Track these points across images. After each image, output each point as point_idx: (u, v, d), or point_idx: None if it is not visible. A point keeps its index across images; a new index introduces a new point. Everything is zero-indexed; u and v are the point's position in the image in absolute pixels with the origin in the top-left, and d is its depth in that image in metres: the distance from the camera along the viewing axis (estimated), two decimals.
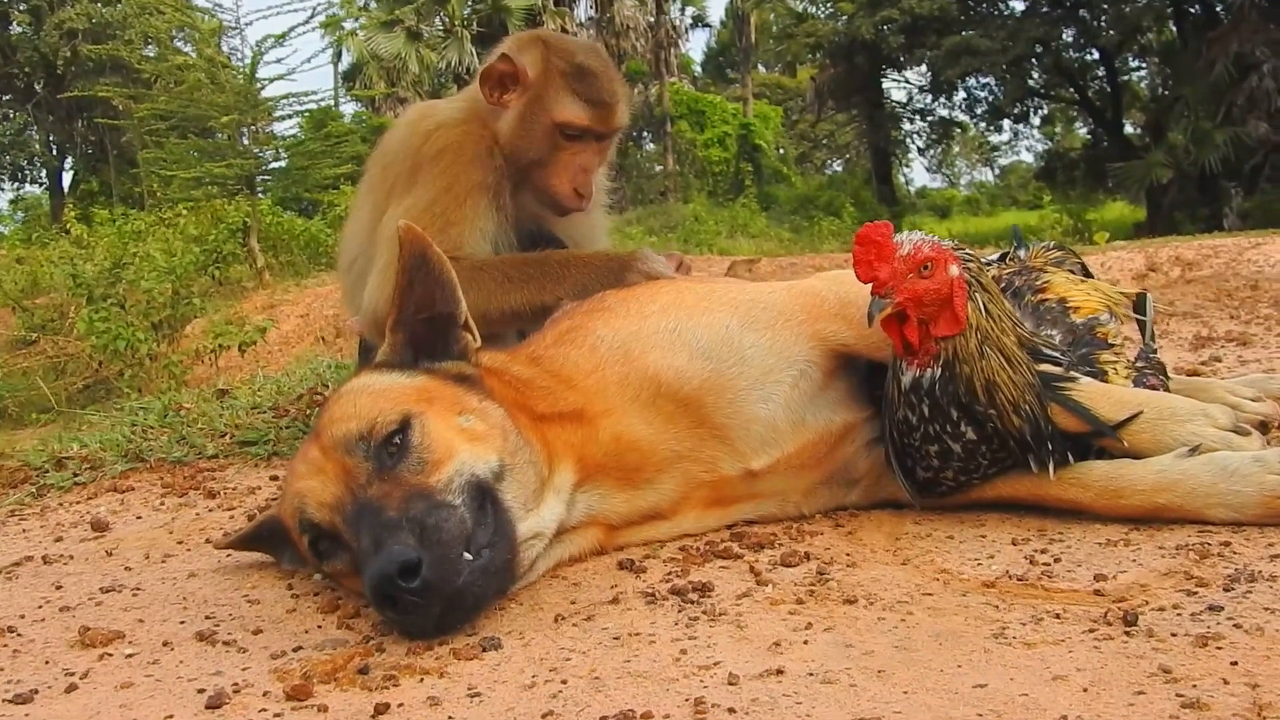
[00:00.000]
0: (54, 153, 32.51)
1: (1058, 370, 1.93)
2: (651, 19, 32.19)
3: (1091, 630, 1.44)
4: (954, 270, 1.82)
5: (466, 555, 1.58)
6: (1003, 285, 2.26)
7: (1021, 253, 2.49)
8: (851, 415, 2.06)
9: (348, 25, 30.43)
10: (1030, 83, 30.97)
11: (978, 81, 31.73)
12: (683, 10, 35.08)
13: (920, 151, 42.17)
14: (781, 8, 36.69)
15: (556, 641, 1.54)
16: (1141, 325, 2.37)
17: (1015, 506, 1.98)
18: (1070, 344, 2.12)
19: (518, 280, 2.42)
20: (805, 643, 1.47)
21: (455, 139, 2.58)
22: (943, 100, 34.60)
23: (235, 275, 16.13)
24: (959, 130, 39.09)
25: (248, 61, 15.96)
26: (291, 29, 15.76)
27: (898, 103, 36.55)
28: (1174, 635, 1.40)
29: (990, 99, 32.55)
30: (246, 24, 16.10)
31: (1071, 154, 32.67)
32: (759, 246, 22.95)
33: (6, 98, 31.81)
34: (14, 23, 29.10)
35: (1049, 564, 1.72)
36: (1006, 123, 34.88)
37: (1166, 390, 2.15)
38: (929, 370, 1.85)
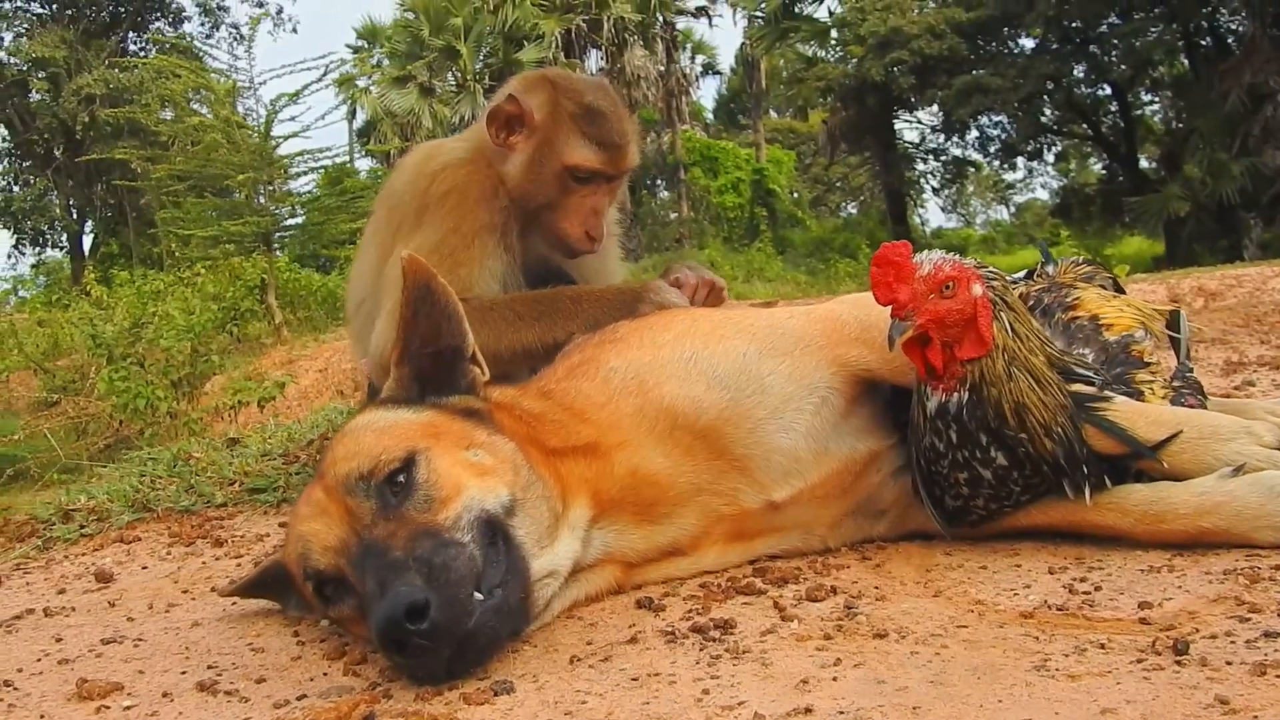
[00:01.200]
0: (74, 216, 32.75)
1: (1091, 390, 1.85)
2: (662, 68, 32.29)
3: (1140, 660, 1.35)
4: (977, 289, 1.75)
5: (477, 595, 1.51)
6: (1031, 303, 2.18)
7: (1050, 269, 2.41)
8: (876, 443, 1.98)
9: (361, 83, 30.68)
10: (1043, 119, 30.97)
11: (990, 120, 31.73)
12: (693, 58, 35.26)
13: (935, 191, 42.13)
14: (791, 53, 36.79)
15: (572, 684, 1.46)
16: (1176, 343, 2.29)
17: (1050, 534, 1.90)
18: (1104, 363, 2.04)
19: (529, 318, 2.35)
20: (834, 680, 1.39)
21: (461, 179, 2.52)
22: (955, 139, 34.62)
23: (253, 332, 16.18)
24: (973, 169, 39.08)
25: (262, 120, 16.05)
26: (305, 87, 15.84)
27: (910, 143, 36.57)
28: (1229, 664, 1.31)
29: (1003, 137, 32.54)
30: (260, 83, 16.17)
31: (1087, 189, 32.59)
32: (775, 290, 22.94)
33: (27, 164, 32.11)
34: (33, 90, 29.41)
35: (1089, 592, 1.63)
36: (1020, 160, 34.85)
37: (1205, 409, 2.07)
38: (955, 394, 1.77)
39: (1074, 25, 27.84)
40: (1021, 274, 2.41)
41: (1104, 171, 33.32)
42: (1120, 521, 1.81)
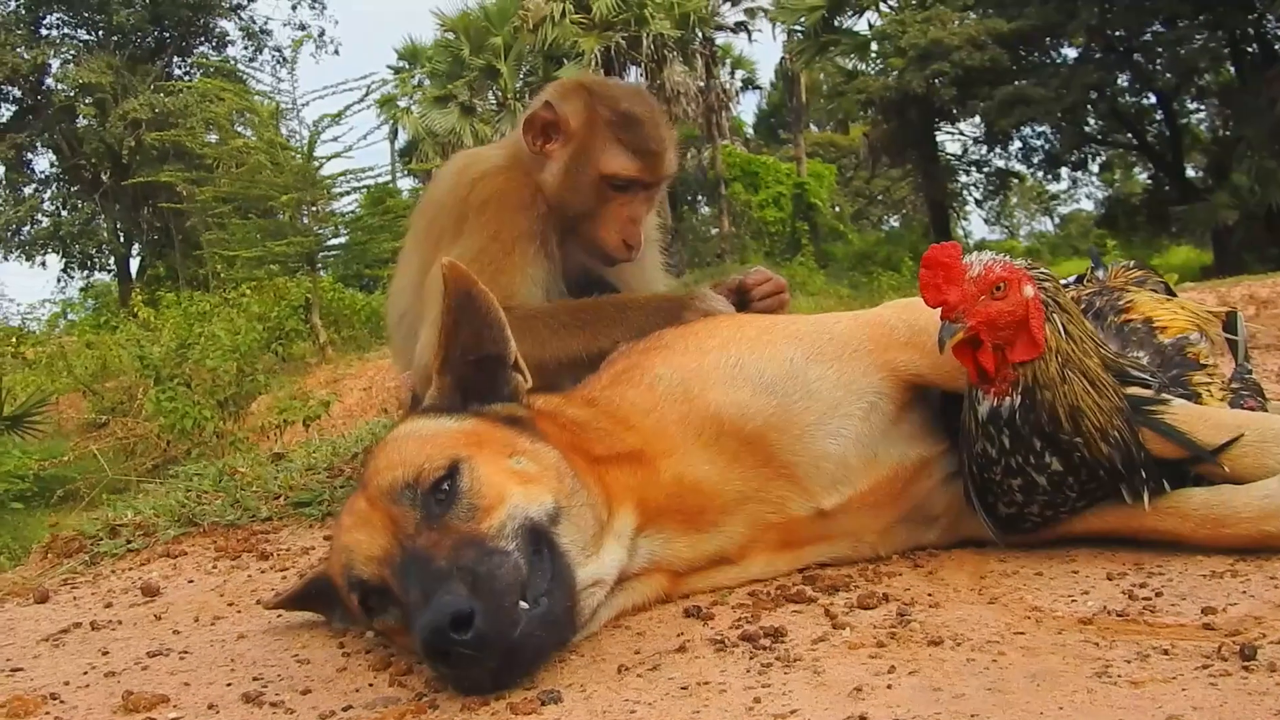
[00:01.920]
0: (121, 240, 33.11)
1: (1147, 393, 1.80)
2: (702, 83, 32.34)
3: (1205, 666, 1.31)
4: (1029, 290, 1.71)
5: (523, 604, 1.48)
6: (1083, 306, 2.14)
7: (1100, 273, 2.36)
8: (927, 449, 1.94)
9: (402, 103, 30.92)
10: (1087, 129, 30.67)
11: (1033, 130, 31.43)
12: (732, 74, 35.23)
13: (978, 203, 41.81)
14: (831, 66, 36.68)
15: (620, 693, 1.43)
16: (1233, 345, 2.24)
17: (1106, 541, 1.85)
18: (1159, 365, 1.99)
19: (573, 326, 2.33)
20: (889, 687, 1.35)
21: (500, 187, 2.50)
22: (998, 151, 34.31)
23: (298, 351, 16.29)
24: (1016, 180, 38.77)
25: (305, 142, 16.19)
26: (346, 108, 15.98)
27: (952, 155, 36.30)
28: None
29: (1046, 148, 32.23)
30: (303, 105, 16.31)
31: (1133, 199, 32.27)
32: (819, 304, 22.81)
33: (75, 189, 32.52)
34: (80, 115, 29.79)
35: (1150, 598, 1.59)
36: (1064, 171, 34.49)
37: (1265, 411, 2.02)
38: (1008, 399, 1.73)
39: (1117, 34, 27.59)
40: (1071, 279, 2.36)
41: (1149, 181, 32.96)
42: (1180, 526, 1.76)
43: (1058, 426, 1.72)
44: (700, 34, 32.14)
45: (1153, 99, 29.11)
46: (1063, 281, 2.27)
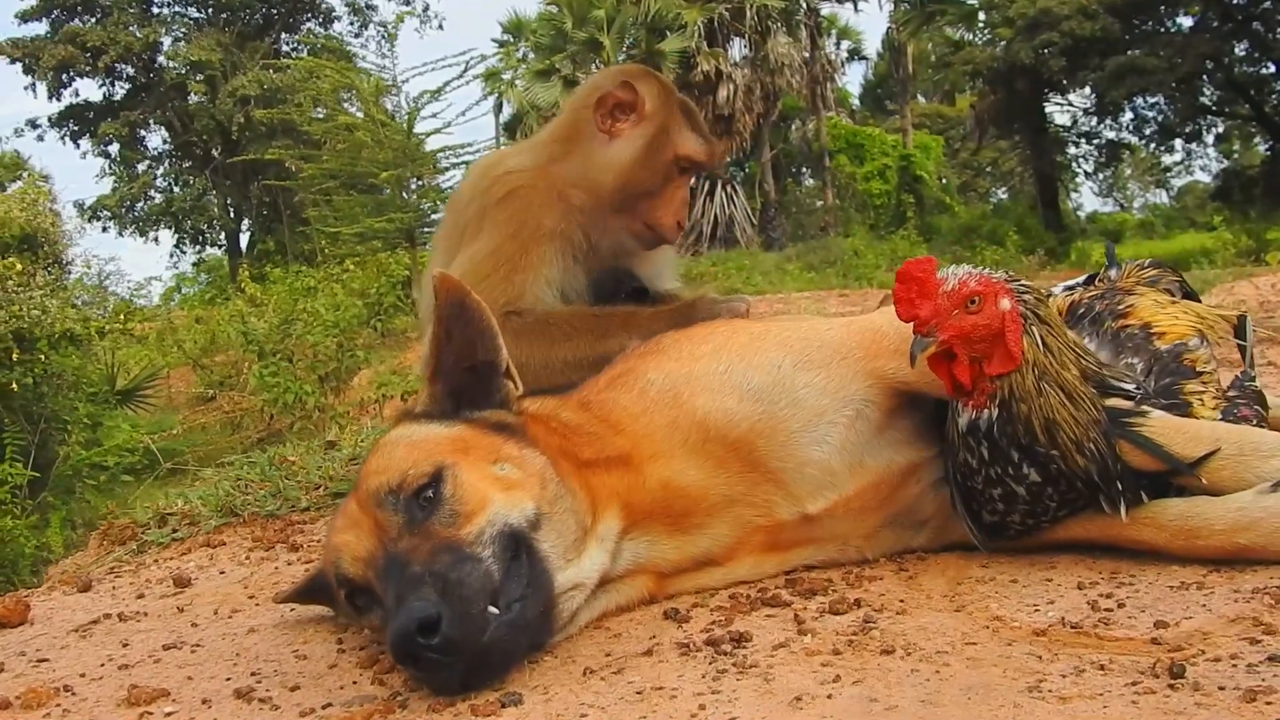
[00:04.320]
0: (231, 215, 34.01)
1: (1127, 404, 1.82)
2: (806, 54, 32.04)
3: (1134, 683, 1.35)
4: (1005, 304, 1.74)
5: (493, 610, 1.55)
6: (1082, 310, 2.16)
7: (1113, 272, 2.36)
8: (915, 454, 1.97)
9: (506, 76, 31.14)
10: (1202, 100, 29.86)
11: (1145, 101, 30.72)
12: (838, 44, 34.90)
13: (1088, 175, 40.93)
14: (938, 36, 36.15)
15: (579, 696, 1.50)
16: (1242, 350, 2.24)
17: (1091, 548, 1.88)
18: (1154, 373, 2.00)
19: (582, 330, 2.40)
20: (829, 697, 1.41)
21: (523, 183, 2.58)
22: (1109, 122, 33.60)
23: (399, 326, 16.55)
24: (1128, 152, 37.88)
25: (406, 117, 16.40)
26: (446, 84, 16.12)
27: (1061, 127, 35.58)
28: (1221, 689, 1.30)
29: (1159, 119, 31.47)
30: (404, 81, 16.49)
31: (1249, 172, 31.32)
32: None
33: (187, 165, 33.45)
34: (191, 93, 30.59)
35: (1111, 609, 1.62)
36: (1178, 142, 33.64)
37: (1264, 421, 2.01)
38: (986, 411, 1.77)
39: (1235, 2, 26.79)
40: (1081, 279, 2.36)
41: (1268, 153, 31.95)
42: (1156, 537, 1.78)
43: (1034, 439, 1.75)
44: (805, 4, 31.82)
45: (1272, 68, 28.18)
46: (1071, 283, 2.30)
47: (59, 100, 33.01)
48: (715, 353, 1.99)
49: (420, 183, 17.13)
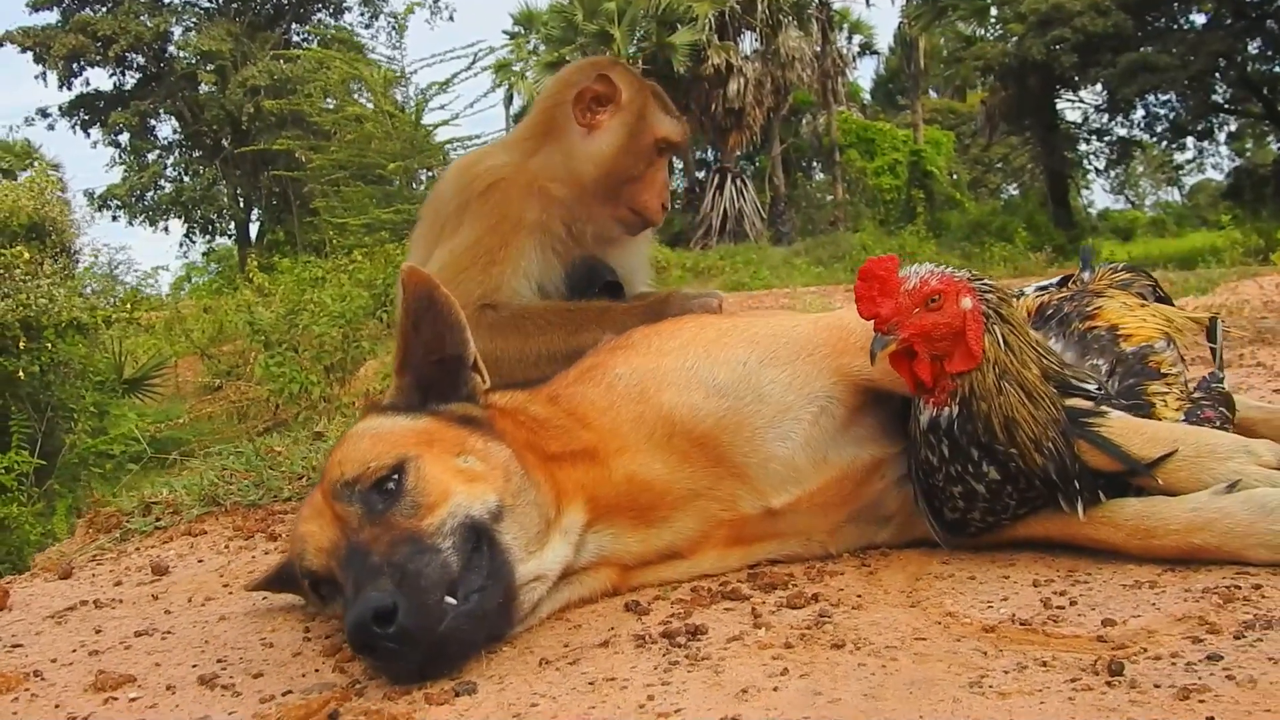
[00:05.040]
0: (241, 205, 34.12)
1: (1087, 405, 1.84)
2: (818, 48, 32.05)
3: (1073, 681, 1.36)
4: (967, 303, 1.76)
5: (451, 600, 1.57)
6: (1050, 312, 2.17)
7: (1086, 275, 2.38)
8: (880, 450, 1.99)
9: (517, 68, 31.19)
10: (1214, 98, 29.76)
11: (1157, 98, 30.61)
12: (849, 39, 34.90)
13: (1098, 172, 40.80)
14: (950, 31, 36.12)
15: (533, 686, 1.53)
16: (1213, 353, 2.25)
17: (1051, 546, 1.90)
18: (1119, 374, 2.02)
19: (556, 324, 2.43)
20: (775, 690, 1.43)
21: (503, 177, 2.61)
22: (1120, 119, 33.48)
23: None
24: (1139, 150, 37.77)
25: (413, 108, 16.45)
26: (454, 76, 16.17)
27: (1073, 123, 35.47)
28: (1157, 687, 1.32)
29: (1171, 116, 31.35)
30: (412, 72, 16.55)
31: (1261, 170, 31.21)
32: None
33: (197, 154, 33.57)
34: (202, 82, 30.68)
35: (1063, 607, 1.64)
36: (1190, 140, 33.52)
37: (1228, 423, 2.03)
38: (946, 409, 1.79)
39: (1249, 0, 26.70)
40: (1054, 281, 2.38)
41: None
42: (1113, 536, 1.80)
43: (993, 437, 1.77)
44: None
45: None
46: (1043, 284, 2.32)
47: (69, 89, 33.29)
48: (682, 348, 2.01)
49: (429, 174, 17.21)
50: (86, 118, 33.46)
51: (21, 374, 10.29)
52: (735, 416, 1.92)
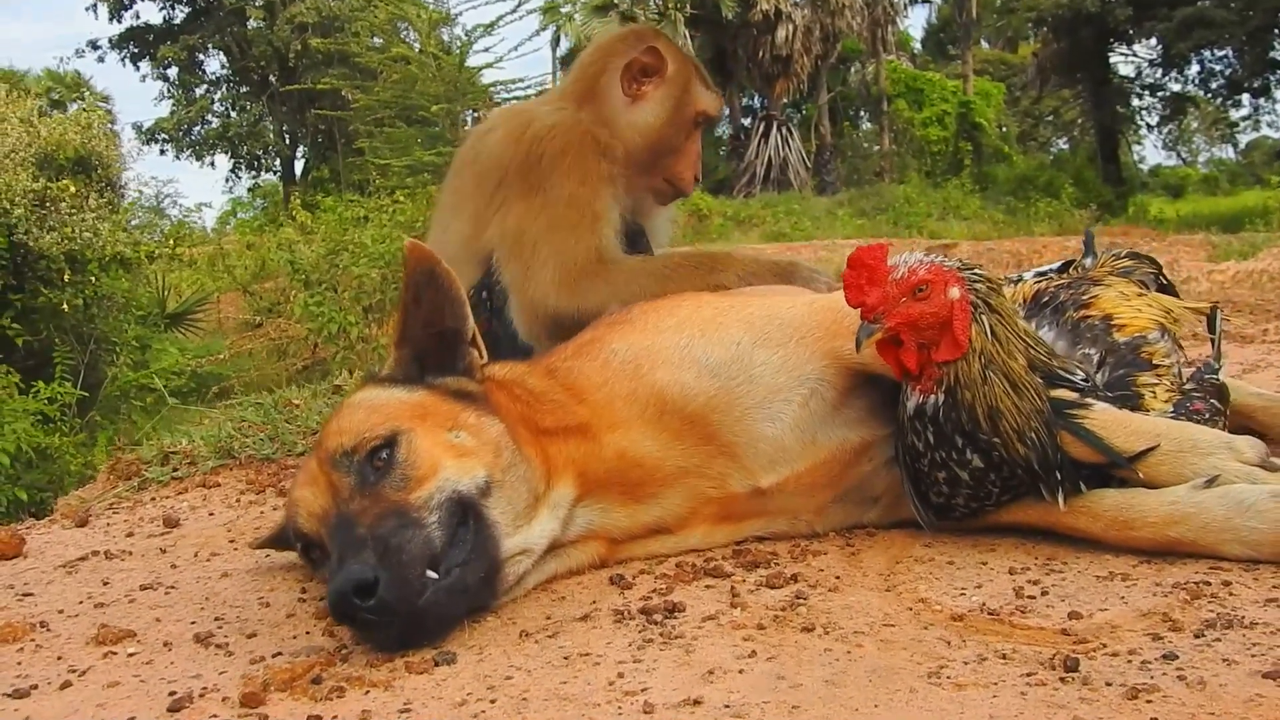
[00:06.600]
0: (287, 142, 34.26)
1: (1072, 396, 1.86)
2: None
3: (1029, 675, 1.39)
4: (954, 292, 1.78)
5: (432, 574, 1.62)
6: (1045, 299, 2.19)
7: (1088, 261, 2.39)
8: (869, 433, 2.02)
9: (565, 9, 31.01)
10: (1272, 55, 29.17)
11: (1213, 54, 30.07)
12: None
13: (1151, 128, 40.17)
14: None
15: (510, 659, 1.58)
16: (1212, 343, 2.26)
17: (1033, 532, 1.92)
18: (1110, 364, 2.03)
19: (689, 270, 2.52)
20: (741, 672, 1.47)
21: (575, 137, 2.62)
22: (1174, 75, 32.92)
23: None
24: (1194, 106, 37.14)
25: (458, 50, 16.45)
26: (499, 18, 16.14)
27: (1125, 78, 34.91)
28: (1108, 685, 1.35)
29: (1227, 72, 30.80)
30: (457, 14, 16.56)
31: None
32: (970, 229, 22.39)
33: (244, 90, 33.71)
34: (250, 18, 30.74)
35: (1034, 597, 1.67)
36: (1246, 97, 32.90)
37: (1220, 414, 2.04)
38: (932, 396, 1.81)
39: None
40: (1055, 265, 2.39)
41: None
42: (1092, 526, 1.83)
43: (977, 426, 1.79)
44: None
45: None
46: (1042, 269, 2.33)
47: (119, 22, 33.44)
48: (678, 327, 2.04)
49: (475, 115, 17.20)
50: (136, 51, 33.65)
51: (66, 306, 10.44)
52: (726, 396, 1.95)
